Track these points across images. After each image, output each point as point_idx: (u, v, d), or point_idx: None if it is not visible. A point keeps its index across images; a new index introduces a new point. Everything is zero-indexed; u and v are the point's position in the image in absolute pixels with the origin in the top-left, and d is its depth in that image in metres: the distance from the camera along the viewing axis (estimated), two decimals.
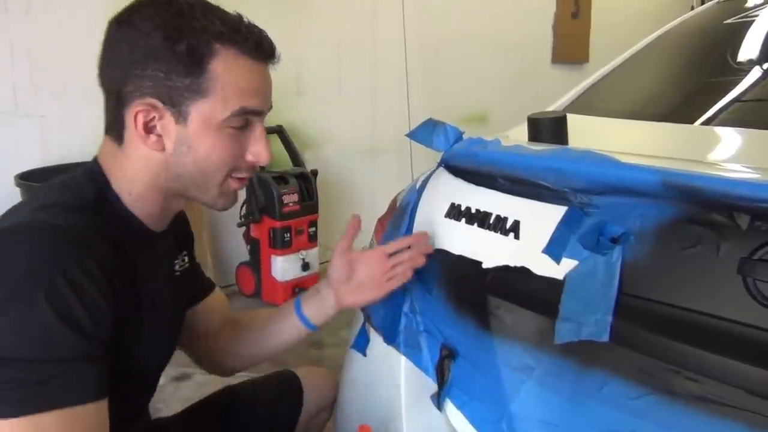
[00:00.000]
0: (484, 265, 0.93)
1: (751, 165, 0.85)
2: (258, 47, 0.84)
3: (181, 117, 0.82)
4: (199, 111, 0.82)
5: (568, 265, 0.79)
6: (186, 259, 1.06)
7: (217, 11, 0.83)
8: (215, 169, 0.86)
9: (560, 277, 0.79)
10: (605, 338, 0.73)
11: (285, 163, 3.28)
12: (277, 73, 0.89)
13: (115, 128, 0.85)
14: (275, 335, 1.15)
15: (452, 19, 4.08)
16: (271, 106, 0.90)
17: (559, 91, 1.49)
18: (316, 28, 3.49)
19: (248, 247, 3.19)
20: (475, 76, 4.27)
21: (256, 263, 3.14)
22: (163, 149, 0.84)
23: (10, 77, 2.52)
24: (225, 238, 3.31)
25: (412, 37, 3.88)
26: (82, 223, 0.78)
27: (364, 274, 1.06)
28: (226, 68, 0.81)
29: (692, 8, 5.22)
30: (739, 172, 0.79)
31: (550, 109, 1.38)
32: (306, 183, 3.09)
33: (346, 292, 1.08)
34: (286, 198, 2.98)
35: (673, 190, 0.70)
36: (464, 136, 1.09)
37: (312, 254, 3.15)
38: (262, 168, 3.25)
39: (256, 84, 0.85)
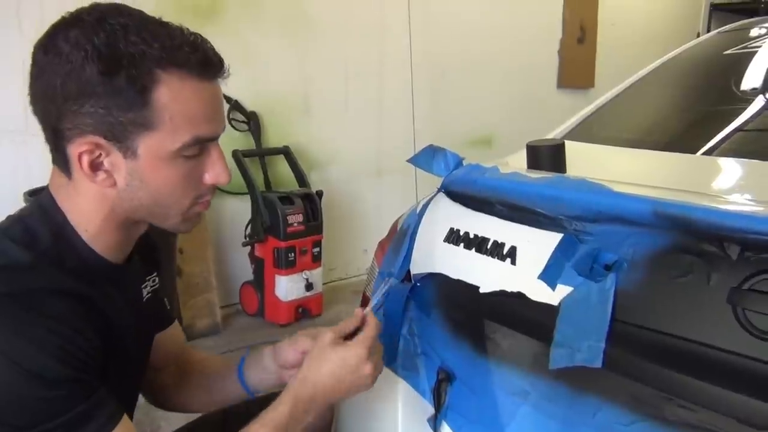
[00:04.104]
0: (481, 290, 0.94)
1: (751, 196, 0.86)
2: (205, 64, 0.76)
3: (129, 151, 0.75)
4: (147, 144, 0.75)
5: (562, 291, 0.80)
6: (156, 279, 1.02)
7: (155, 28, 0.74)
8: (174, 200, 0.81)
9: (555, 303, 0.80)
10: (598, 364, 0.74)
11: (291, 184, 3.31)
12: (284, 93, 0.87)
13: (60, 161, 0.79)
14: (217, 393, 1.11)
15: (459, 42, 4.13)
16: (224, 127, 0.82)
17: (565, 116, 1.50)
18: (323, 48, 3.54)
19: (252, 266, 3.21)
20: (481, 99, 4.30)
21: (259, 283, 3.15)
22: (115, 185, 0.78)
23: (22, 96, 2.55)
24: (229, 257, 3.32)
25: (418, 59, 3.92)
26: (39, 283, 0.74)
27: None
28: (172, 96, 0.74)
29: (698, 35, 5.27)
30: (731, 203, 0.80)
31: (552, 135, 1.39)
32: (311, 203, 3.11)
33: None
34: (290, 218, 3.00)
35: (664, 220, 0.71)
36: (465, 162, 1.11)
37: (315, 274, 3.16)
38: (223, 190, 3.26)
39: (207, 108, 0.78)
